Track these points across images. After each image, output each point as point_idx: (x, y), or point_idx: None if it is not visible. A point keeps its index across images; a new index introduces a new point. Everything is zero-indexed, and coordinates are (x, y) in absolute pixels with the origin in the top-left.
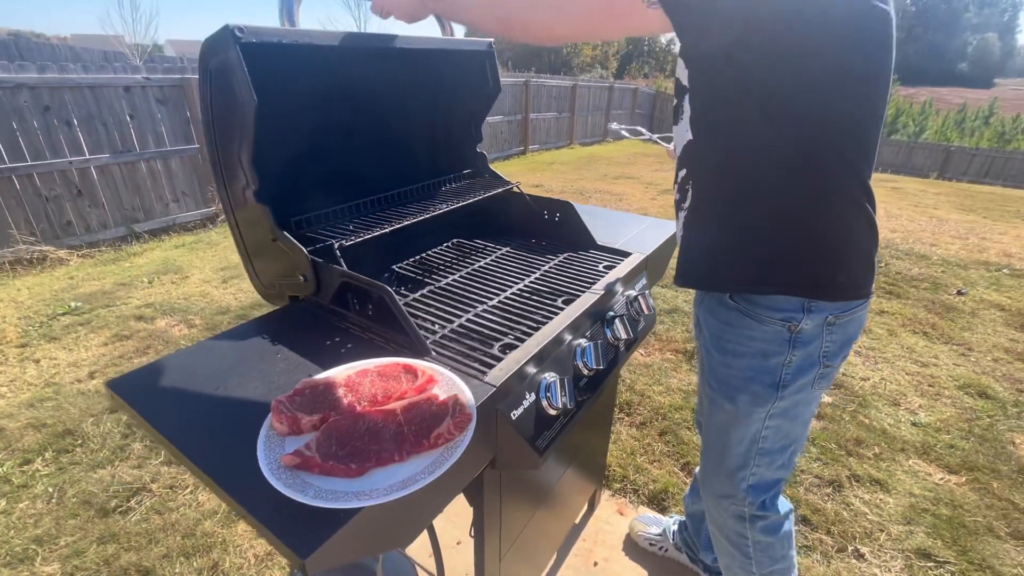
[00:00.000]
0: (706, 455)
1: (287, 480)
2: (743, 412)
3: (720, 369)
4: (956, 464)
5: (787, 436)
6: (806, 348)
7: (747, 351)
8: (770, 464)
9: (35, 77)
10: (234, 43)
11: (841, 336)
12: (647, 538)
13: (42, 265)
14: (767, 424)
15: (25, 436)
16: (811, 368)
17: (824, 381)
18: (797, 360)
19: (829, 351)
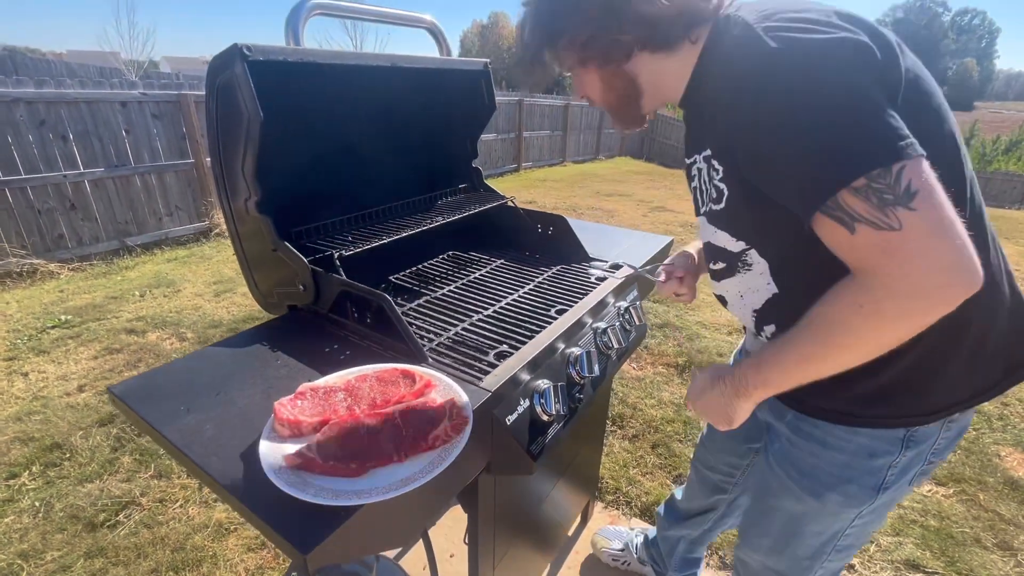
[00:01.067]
0: (760, 529)
1: (289, 479)
2: (830, 511)
3: (804, 458)
4: (943, 476)
5: (869, 533)
6: (919, 447)
7: (847, 446)
8: (844, 558)
9: (32, 92)
10: (242, 60)
11: (957, 428)
12: (610, 554)
13: (32, 278)
14: (854, 523)
15: (12, 450)
16: (915, 465)
17: (924, 477)
18: (905, 460)
19: (940, 447)
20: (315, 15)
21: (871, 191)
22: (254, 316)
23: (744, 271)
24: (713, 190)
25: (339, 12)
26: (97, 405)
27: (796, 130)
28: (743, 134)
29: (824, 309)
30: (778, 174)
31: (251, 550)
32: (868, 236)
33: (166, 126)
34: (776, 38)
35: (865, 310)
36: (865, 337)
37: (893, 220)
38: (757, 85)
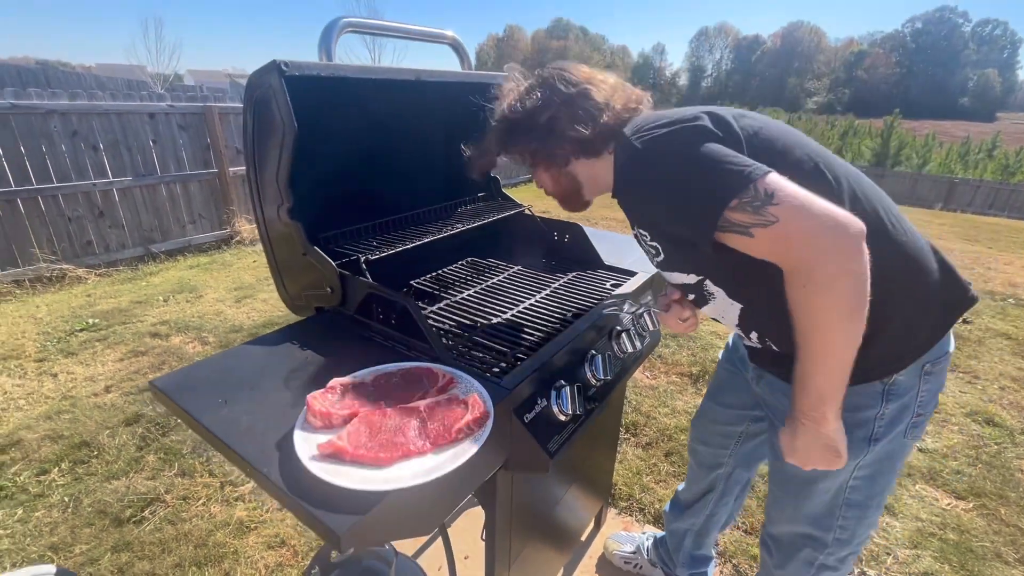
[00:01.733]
0: (783, 496)
1: (322, 467)
2: None
3: None
4: (963, 490)
5: (878, 488)
6: (900, 399)
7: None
8: (861, 518)
9: (66, 104)
10: (279, 75)
11: (935, 384)
12: (621, 556)
13: (61, 283)
14: (856, 475)
15: (42, 447)
16: (904, 418)
17: (917, 430)
18: (891, 412)
19: (924, 400)
20: (347, 32)
21: (745, 204)
22: (274, 321)
23: (712, 299)
24: (652, 249)
25: (369, 30)
26: (123, 405)
27: (676, 190)
28: (643, 207)
29: (795, 314)
30: (680, 222)
31: (271, 547)
32: (762, 234)
33: (191, 137)
34: (640, 140)
35: (808, 288)
36: (833, 306)
37: (769, 216)
38: (637, 174)
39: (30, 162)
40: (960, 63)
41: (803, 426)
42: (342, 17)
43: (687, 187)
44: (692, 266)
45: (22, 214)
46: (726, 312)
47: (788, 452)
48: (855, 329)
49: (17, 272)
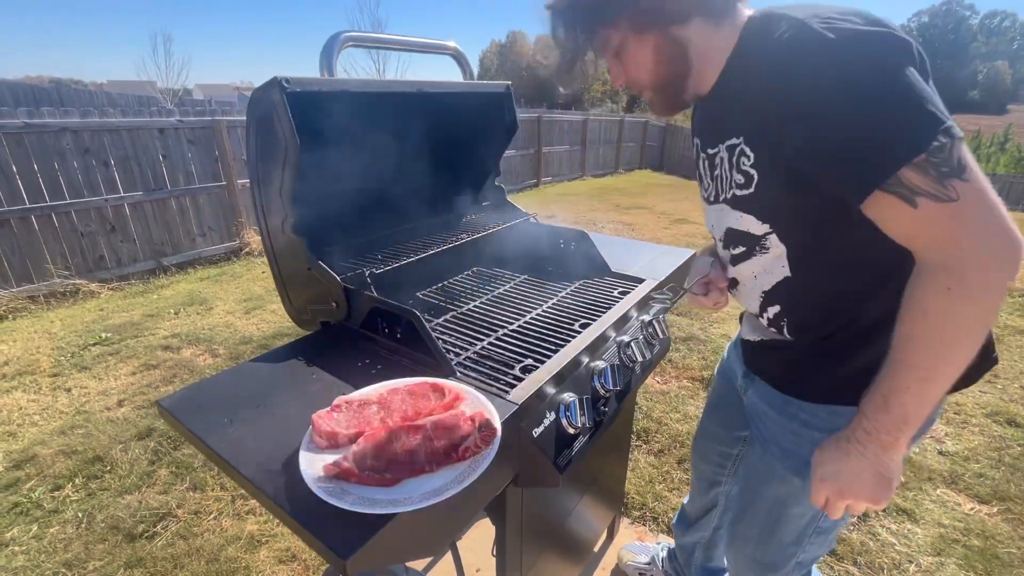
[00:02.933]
0: (747, 520)
1: (328, 488)
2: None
3: (787, 437)
4: (986, 494)
5: (848, 514)
6: None
7: (825, 425)
8: (823, 542)
9: (78, 121)
10: (280, 91)
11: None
12: (636, 567)
13: (75, 298)
14: None
15: (56, 463)
16: None
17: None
18: None
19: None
20: (348, 47)
21: (930, 165)
22: (283, 332)
23: (761, 254)
24: (740, 176)
25: (369, 43)
26: (136, 419)
27: (859, 114)
28: (800, 123)
29: (916, 317)
30: (836, 158)
31: (282, 562)
32: (930, 209)
33: (200, 151)
34: (832, 29)
35: (954, 293)
36: (975, 319)
37: (952, 191)
38: (809, 70)
39: (43, 179)
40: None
41: (862, 448)
42: (343, 32)
43: (874, 116)
44: (774, 214)
45: (36, 231)
46: (766, 274)
47: (826, 475)
48: (973, 352)
49: (32, 288)
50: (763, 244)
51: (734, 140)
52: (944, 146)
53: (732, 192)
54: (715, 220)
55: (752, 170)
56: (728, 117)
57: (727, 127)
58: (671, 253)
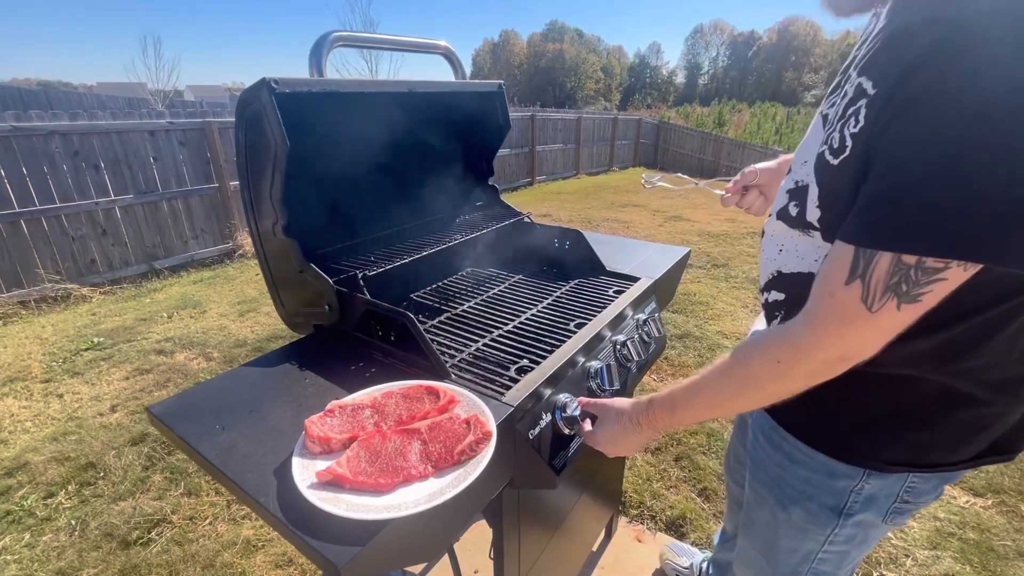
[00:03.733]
0: (749, 540)
1: (321, 495)
2: (796, 525)
3: (770, 466)
4: (981, 487)
5: (851, 562)
6: (885, 479)
7: (810, 462)
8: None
9: (66, 124)
10: (269, 92)
11: (939, 478)
12: (675, 568)
13: (66, 302)
14: (827, 548)
15: (49, 469)
16: (886, 501)
17: (901, 517)
18: (871, 489)
19: (916, 488)
20: (337, 47)
21: (903, 269)
22: (278, 335)
23: (806, 234)
24: (838, 137)
25: (359, 43)
26: (129, 425)
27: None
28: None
29: (746, 360)
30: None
31: (279, 567)
32: (849, 295)
33: (191, 153)
34: None
35: (780, 367)
36: (768, 393)
37: (881, 302)
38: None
39: (33, 183)
40: None
41: (639, 429)
42: (332, 32)
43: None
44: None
45: (26, 235)
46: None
47: (604, 440)
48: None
49: (22, 293)
50: (809, 228)
51: (867, 84)
52: (949, 267)
53: (824, 150)
54: (808, 149)
55: (851, 139)
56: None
57: (875, 58)
58: (666, 251)
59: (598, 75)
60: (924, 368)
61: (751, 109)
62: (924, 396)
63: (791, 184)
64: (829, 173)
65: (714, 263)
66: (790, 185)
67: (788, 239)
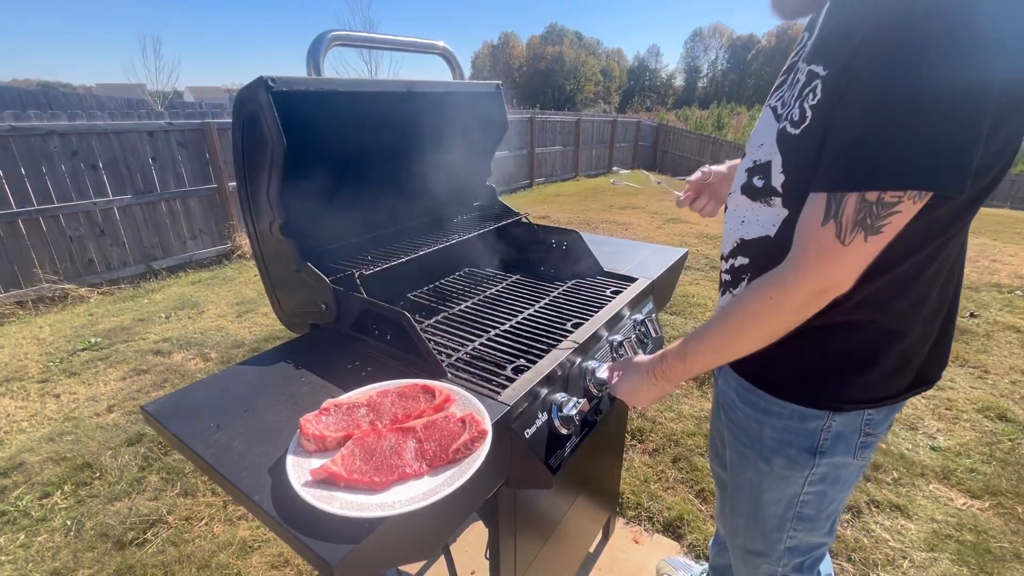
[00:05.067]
0: (735, 508)
1: (316, 493)
2: (778, 474)
3: (750, 424)
4: (978, 489)
5: (831, 502)
6: (849, 416)
7: (784, 412)
8: (811, 530)
9: (65, 124)
10: (266, 91)
11: (887, 408)
12: None
13: (64, 303)
14: (807, 489)
15: (45, 470)
16: (852, 435)
17: (867, 451)
18: (837, 425)
19: (873, 419)
20: (335, 46)
21: (867, 206)
22: (275, 335)
23: (764, 204)
24: (798, 111)
25: (357, 43)
26: (125, 425)
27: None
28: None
29: (743, 302)
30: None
31: (274, 567)
32: (826, 233)
33: (190, 153)
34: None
35: (772, 303)
36: (765, 329)
37: (852, 236)
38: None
39: (31, 183)
40: None
41: (654, 379)
42: (330, 31)
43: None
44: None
45: (24, 235)
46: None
47: (626, 389)
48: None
49: (20, 293)
50: (773, 196)
51: (818, 68)
52: (902, 200)
53: (785, 125)
54: (768, 140)
55: (811, 111)
56: (829, 35)
57: (822, 48)
58: (664, 252)
59: (597, 77)
60: (873, 310)
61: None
62: (865, 339)
63: (749, 164)
64: (791, 142)
65: (712, 265)
66: (748, 165)
67: (749, 211)
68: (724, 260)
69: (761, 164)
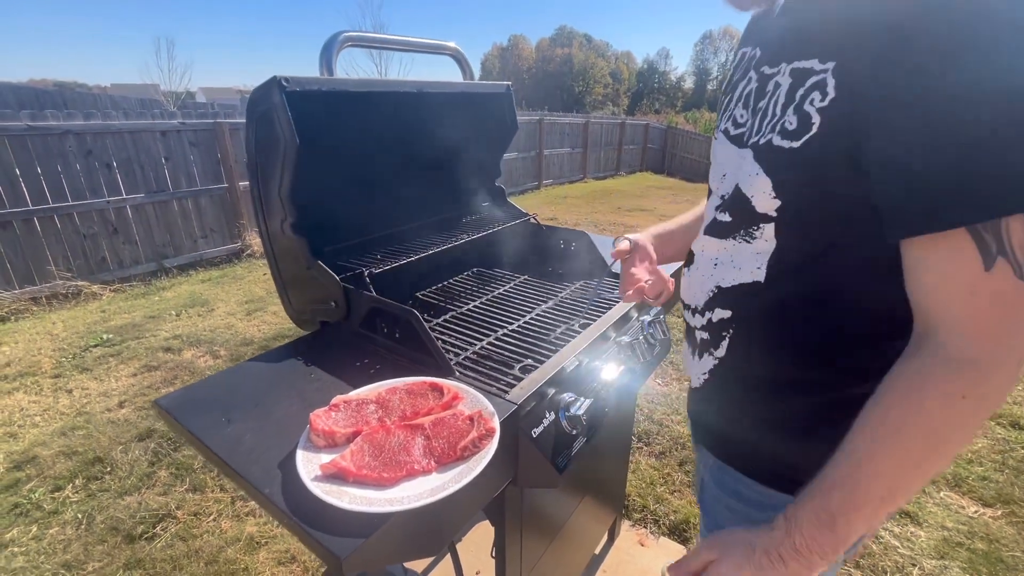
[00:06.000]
0: None
1: (325, 487)
2: None
3: (721, 512)
4: (990, 497)
5: None
6: None
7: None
8: None
9: (80, 124)
10: (280, 91)
11: None
12: None
13: (76, 299)
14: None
15: (57, 463)
16: None
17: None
18: None
19: None
20: (347, 47)
21: None
22: (284, 334)
23: (742, 240)
24: (795, 119)
25: (369, 43)
26: (136, 420)
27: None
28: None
29: (909, 418)
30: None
31: (281, 563)
32: (1005, 280)
33: (202, 153)
34: None
35: (969, 402)
36: (962, 438)
37: None
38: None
39: (46, 182)
40: None
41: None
42: (342, 32)
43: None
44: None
45: (39, 232)
46: (731, 268)
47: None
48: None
49: (34, 289)
50: (754, 228)
51: (811, 64)
52: None
53: (769, 137)
54: (731, 168)
55: (818, 115)
56: (817, 26)
57: (809, 40)
58: None
59: (606, 80)
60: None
61: None
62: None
63: (717, 201)
64: (786, 158)
65: None
66: (716, 203)
67: (722, 252)
68: (696, 314)
69: (731, 196)
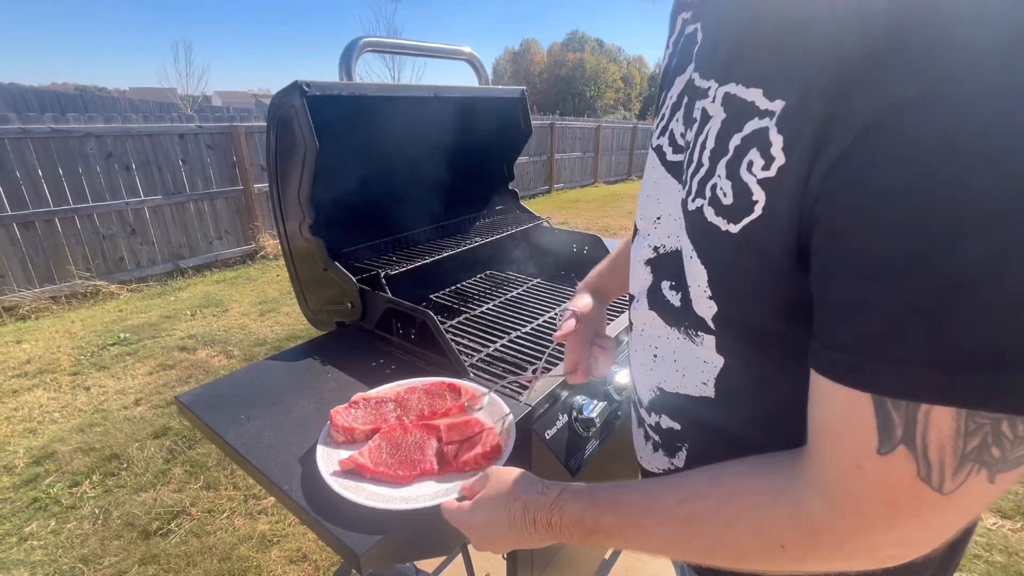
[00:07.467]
0: None
1: (343, 482)
2: None
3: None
4: (1009, 509)
5: None
6: None
7: None
8: None
9: (101, 127)
10: (301, 95)
11: None
12: None
13: (95, 298)
14: None
15: (75, 459)
16: None
17: None
18: None
19: None
20: (366, 52)
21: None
22: (296, 334)
23: (684, 336)
24: (730, 188)
25: (387, 48)
26: (152, 418)
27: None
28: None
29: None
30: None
31: (293, 562)
32: (898, 473)
33: (218, 156)
34: None
35: (787, 554)
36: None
37: (958, 479)
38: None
39: (67, 183)
40: None
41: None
42: (362, 37)
43: None
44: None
45: (59, 233)
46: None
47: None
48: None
49: (54, 288)
50: (694, 332)
51: (752, 95)
52: None
53: (701, 205)
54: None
55: (760, 189)
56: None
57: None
58: None
59: (618, 84)
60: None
61: None
62: None
63: (650, 253)
64: (722, 245)
65: None
66: (648, 254)
67: (663, 340)
68: (642, 408)
69: (667, 255)
